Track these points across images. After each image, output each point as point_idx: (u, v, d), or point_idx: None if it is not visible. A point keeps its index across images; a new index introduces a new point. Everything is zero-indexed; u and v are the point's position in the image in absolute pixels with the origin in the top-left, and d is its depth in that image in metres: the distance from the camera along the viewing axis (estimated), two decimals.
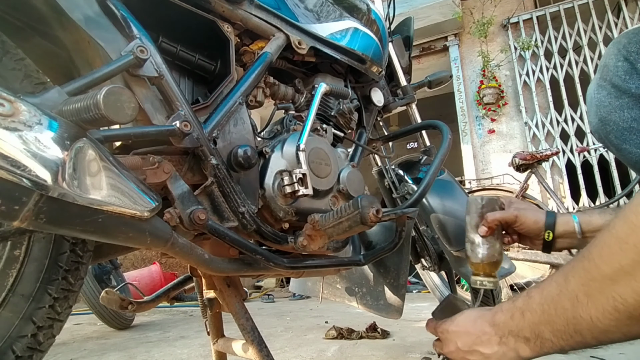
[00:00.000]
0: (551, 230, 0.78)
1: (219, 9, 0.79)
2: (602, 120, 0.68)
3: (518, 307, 0.56)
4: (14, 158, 0.41)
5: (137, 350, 1.71)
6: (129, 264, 3.92)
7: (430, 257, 1.32)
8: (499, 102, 4.28)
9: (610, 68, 0.66)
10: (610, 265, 0.44)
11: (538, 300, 0.53)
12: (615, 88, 0.65)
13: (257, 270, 0.80)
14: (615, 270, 0.43)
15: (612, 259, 0.44)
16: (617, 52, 0.65)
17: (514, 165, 2.80)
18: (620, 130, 0.65)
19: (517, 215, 0.79)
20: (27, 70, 0.61)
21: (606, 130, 0.68)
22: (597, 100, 0.68)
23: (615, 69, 0.65)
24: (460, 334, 0.63)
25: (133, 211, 0.52)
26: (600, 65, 0.69)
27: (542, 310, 0.52)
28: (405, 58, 1.39)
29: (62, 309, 0.65)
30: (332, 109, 1.03)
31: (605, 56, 0.68)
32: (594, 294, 0.46)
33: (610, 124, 0.66)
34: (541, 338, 0.53)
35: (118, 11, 0.64)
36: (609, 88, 0.66)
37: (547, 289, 0.53)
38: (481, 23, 4.24)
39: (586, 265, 0.47)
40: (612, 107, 0.65)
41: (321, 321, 2.33)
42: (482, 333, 0.59)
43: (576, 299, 0.48)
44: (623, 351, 1.42)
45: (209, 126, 0.72)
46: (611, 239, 0.45)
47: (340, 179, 0.90)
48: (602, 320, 0.45)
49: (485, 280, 0.78)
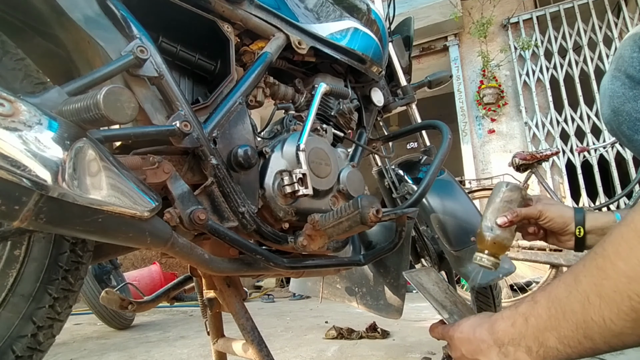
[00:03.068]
0: (581, 226, 0.76)
1: (219, 9, 0.79)
2: (614, 111, 0.67)
3: (521, 312, 0.53)
4: (14, 158, 0.41)
5: (137, 350, 1.71)
6: (129, 264, 3.92)
7: (430, 257, 1.32)
8: (499, 102, 4.28)
9: (625, 59, 0.65)
10: (627, 261, 0.41)
11: (544, 304, 0.49)
12: (630, 79, 0.65)
13: (257, 270, 0.80)
14: (633, 266, 0.40)
15: (630, 254, 0.41)
16: (632, 43, 0.65)
17: (514, 165, 2.80)
18: (632, 120, 0.65)
19: (541, 211, 0.77)
20: (27, 70, 0.61)
21: (618, 121, 0.67)
22: (610, 90, 0.68)
23: (630, 59, 0.64)
24: (464, 341, 0.61)
25: (133, 211, 0.52)
26: (615, 56, 0.69)
27: (549, 315, 0.48)
28: (405, 58, 1.39)
29: (62, 309, 0.65)
30: (332, 109, 1.03)
31: (620, 47, 0.68)
32: (607, 293, 0.42)
33: (623, 115, 0.66)
34: (545, 347, 0.49)
35: (118, 11, 0.64)
36: (623, 79, 0.66)
37: (554, 291, 0.49)
38: (480, 23, 4.25)
39: (600, 264, 0.44)
40: (626, 98, 0.65)
41: (321, 321, 2.33)
42: (481, 342, 0.57)
43: (587, 300, 0.44)
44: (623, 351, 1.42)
45: (209, 126, 0.72)
46: (630, 233, 0.41)
47: (340, 179, 0.90)
48: (616, 322, 0.42)
49: (485, 257, 0.76)
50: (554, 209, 0.77)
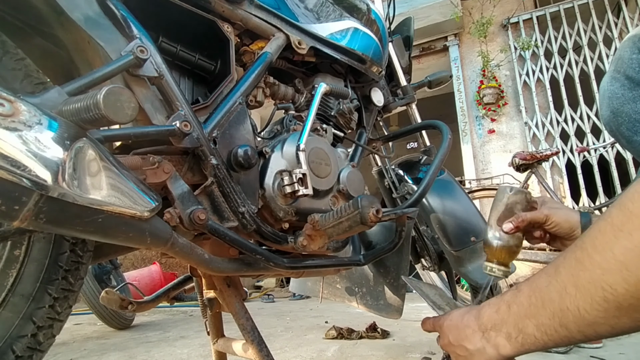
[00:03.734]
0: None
1: (219, 9, 0.79)
2: (614, 112, 0.68)
3: (505, 300, 0.54)
4: (14, 158, 0.41)
5: (137, 350, 1.71)
6: (129, 264, 3.92)
7: (430, 257, 1.32)
8: (499, 102, 4.28)
9: (624, 60, 0.66)
10: (602, 253, 0.42)
11: (526, 292, 0.51)
12: (629, 80, 0.65)
13: (257, 270, 0.80)
14: (607, 258, 0.42)
15: (605, 247, 0.42)
16: (632, 44, 0.65)
17: (514, 165, 2.80)
18: (632, 121, 0.65)
19: (547, 215, 0.75)
20: (27, 70, 0.61)
21: (618, 122, 0.67)
22: (610, 92, 0.68)
23: (630, 61, 0.65)
24: (451, 327, 0.63)
25: (133, 211, 0.52)
26: (615, 57, 0.69)
27: (529, 303, 0.50)
28: (405, 58, 1.39)
29: (62, 309, 0.65)
30: (332, 109, 1.03)
31: (620, 49, 0.69)
32: (583, 284, 0.44)
33: (622, 116, 0.66)
34: (524, 333, 0.51)
35: (118, 11, 0.64)
36: (622, 80, 0.66)
37: (536, 281, 0.51)
38: (480, 23, 4.24)
39: (578, 255, 0.46)
40: (625, 99, 0.65)
41: (321, 321, 2.33)
42: (467, 327, 0.59)
43: (565, 290, 0.46)
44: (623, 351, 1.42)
45: (209, 126, 0.72)
46: (606, 226, 0.43)
47: (340, 179, 0.90)
48: (589, 311, 0.43)
49: (496, 267, 0.74)
50: (561, 213, 0.76)
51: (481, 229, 1.21)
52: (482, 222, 1.22)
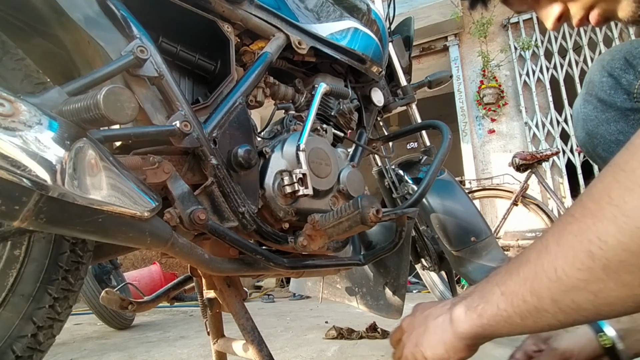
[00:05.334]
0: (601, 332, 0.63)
1: (219, 9, 0.79)
2: (589, 134, 0.69)
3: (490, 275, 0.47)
4: (14, 158, 0.41)
5: (137, 350, 1.71)
6: (129, 264, 3.92)
7: (430, 257, 1.32)
8: (499, 102, 4.28)
9: (595, 83, 0.68)
10: (597, 200, 0.36)
11: (510, 261, 0.44)
12: (602, 102, 0.67)
13: (257, 270, 0.80)
14: (601, 205, 0.35)
15: (601, 191, 0.36)
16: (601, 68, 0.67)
17: (514, 165, 2.80)
18: (607, 142, 0.67)
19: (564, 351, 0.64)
20: (27, 70, 0.61)
21: (593, 143, 0.69)
22: (583, 114, 0.70)
23: (600, 84, 0.67)
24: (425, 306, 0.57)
25: (133, 211, 0.52)
26: (585, 81, 0.71)
27: (506, 270, 0.43)
28: (405, 58, 1.39)
29: (62, 309, 0.65)
30: (332, 109, 1.03)
31: (590, 73, 0.70)
32: (567, 239, 0.37)
33: (598, 137, 0.68)
34: (485, 302, 0.44)
35: (118, 11, 0.64)
36: (595, 102, 0.68)
37: (524, 250, 0.43)
38: (480, 23, 4.24)
39: (570, 210, 0.39)
40: (599, 121, 0.67)
41: (321, 321, 2.33)
42: (445, 304, 0.52)
43: (545, 249, 0.39)
44: None
45: (209, 126, 0.72)
46: (607, 169, 0.36)
47: (340, 179, 0.90)
48: (568, 272, 0.36)
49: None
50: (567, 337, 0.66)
51: (481, 229, 1.22)
52: (482, 222, 1.22)
